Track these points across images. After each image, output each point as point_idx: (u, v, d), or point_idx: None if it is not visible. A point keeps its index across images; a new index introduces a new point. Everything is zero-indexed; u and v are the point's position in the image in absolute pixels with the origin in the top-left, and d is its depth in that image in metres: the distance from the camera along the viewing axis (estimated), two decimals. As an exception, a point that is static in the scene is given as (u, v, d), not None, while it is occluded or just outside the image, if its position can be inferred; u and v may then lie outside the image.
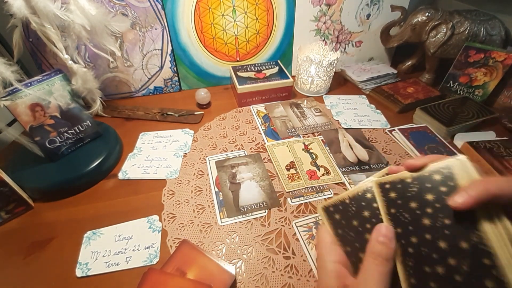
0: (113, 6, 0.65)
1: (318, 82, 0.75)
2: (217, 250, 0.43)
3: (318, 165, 0.57)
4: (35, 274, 0.41)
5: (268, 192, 0.51)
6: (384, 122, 0.68)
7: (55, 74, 0.51)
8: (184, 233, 0.45)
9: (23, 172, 0.51)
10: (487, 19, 0.70)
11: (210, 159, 0.58)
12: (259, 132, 0.65)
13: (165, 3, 0.68)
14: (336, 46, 0.85)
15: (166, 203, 0.50)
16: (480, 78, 0.71)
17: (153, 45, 0.72)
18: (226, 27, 0.74)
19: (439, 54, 0.75)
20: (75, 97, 0.54)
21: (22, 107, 0.47)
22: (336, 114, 0.71)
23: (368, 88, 0.80)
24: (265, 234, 0.45)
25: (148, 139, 0.63)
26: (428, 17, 0.73)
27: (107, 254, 0.42)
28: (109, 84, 0.73)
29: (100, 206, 0.50)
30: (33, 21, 0.49)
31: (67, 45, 0.55)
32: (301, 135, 0.64)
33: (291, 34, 0.80)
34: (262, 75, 0.73)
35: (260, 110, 0.72)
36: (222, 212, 0.48)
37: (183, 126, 0.67)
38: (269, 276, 0.40)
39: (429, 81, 0.82)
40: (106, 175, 0.55)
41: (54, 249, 0.44)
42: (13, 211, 0.47)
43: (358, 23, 0.82)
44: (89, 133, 0.57)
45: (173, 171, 0.55)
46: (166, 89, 0.79)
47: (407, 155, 0.60)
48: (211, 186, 0.53)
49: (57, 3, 0.50)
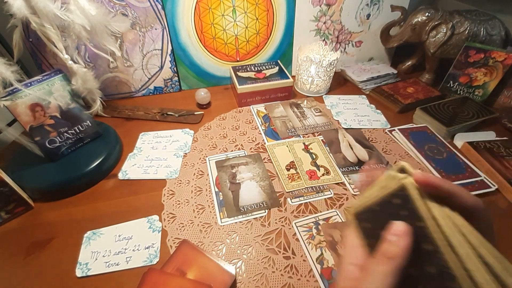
0: (113, 6, 0.65)
1: (318, 82, 0.75)
2: (217, 250, 0.43)
3: (318, 165, 0.57)
4: (35, 274, 0.41)
5: (268, 192, 0.51)
6: (384, 122, 0.68)
7: (55, 74, 0.51)
8: (184, 233, 0.45)
9: (23, 172, 0.51)
10: (487, 19, 0.70)
11: (210, 159, 0.58)
12: (259, 132, 0.65)
13: (165, 3, 0.68)
14: (336, 46, 0.85)
15: (166, 203, 0.50)
16: (480, 78, 0.71)
17: (153, 45, 0.72)
18: (226, 27, 0.74)
19: (439, 54, 0.75)
20: (75, 97, 0.54)
21: (22, 107, 0.47)
22: (336, 114, 0.71)
23: (368, 88, 0.80)
24: (265, 234, 0.45)
25: (148, 139, 0.63)
26: (428, 17, 0.73)
27: (107, 254, 0.42)
28: (109, 84, 0.73)
29: (100, 206, 0.50)
30: (33, 21, 0.49)
31: (67, 45, 0.55)
32: (301, 135, 0.64)
33: (291, 34, 0.80)
34: (262, 75, 0.73)
35: (260, 110, 0.72)
36: (222, 212, 0.48)
37: (183, 126, 0.67)
38: (269, 276, 0.40)
39: (429, 81, 0.82)
40: (106, 175, 0.55)
41: (54, 249, 0.44)
42: (13, 211, 0.47)
43: (358, 23, 0.82)
44: (89, 133, 0.57)
45: (173, 171, 0.55)
46: (166, 89, 0.79)
47: (407, 155, 0.60)
48: (211, 186, 0.53)
49: (57, 3, 0.50)
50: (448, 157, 0.57)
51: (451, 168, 0.55)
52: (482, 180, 0.53)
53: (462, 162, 0.56)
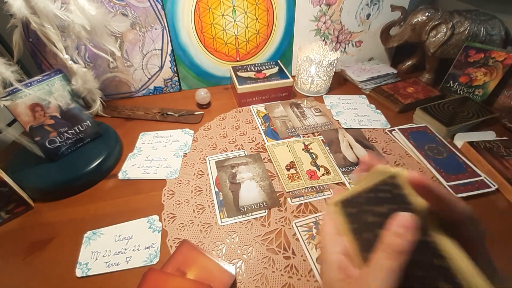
0: (113, 6, 0.65)
1: (318, 82, 0.75)
2: (217, 250, 0.43)
3: (318, 165, 0.57)
4: (35, 274, 0.41)
5: (268, 192, 0.51)
6: (384, 122, 0.68)
7: (55, 74, 0.51)
8: (184, 233, 0.45)
9: (23, 172, 0.51)
10: (487, 19, 0.70)
11: (210, 159, 0.58)
12: (259, 132, 0.65)
13: (165, 3, 0.68)
14: (336, 46, 0.85)
15: (166, 203, 0.50)
16: (480, 78, 0.71)
17: (153, 45, 0.72)
18: (226, 27, 0.74)
19: (439, 54, 0.75)
20: (75, 97, 0.54)
21: (22, 107, 0.47)
22: (336, 114, 0.71)
23: (368, 88, 0.80)
24: (265, 234, 0.45)
25: (148, 139, 0.63)
26: (428, 17, 0.73)
27: (107, 254, 0.42)
28: (109, 84, 0.73)
29: (100, 206, 0.50)
30: (33, 21, 0.49)
31: (67, 45, 0.55)
32: (301, 135, 0.64)
33: (291, 34, 0.80)
34: (262, 75, 0.73)
35: (260, 110, 0.72)
36: (222, 212, 0.48)
37: (183, 126, 0.67)
38: (269, 276, 0.40)
39: (429, 81, 0.82)
40: (106, 175, 0.55)
41: (54, 249, 0.44)
42: (13, 211, 0.47)
43: (358, 23, 0.82)
44: (89, 133, 0.57)
45: (173, 171, 0.55)
46: (166, 89, 0.79)
47: (407, 155, 0.60)
48: (211, 186, 0.53)
49: (57, 3, 0.50)
50: (448, 157, 0.57)
51: (451, 168, 0.55)
52: (482, 180, 0.53)
53: (462, 162, 0.56)
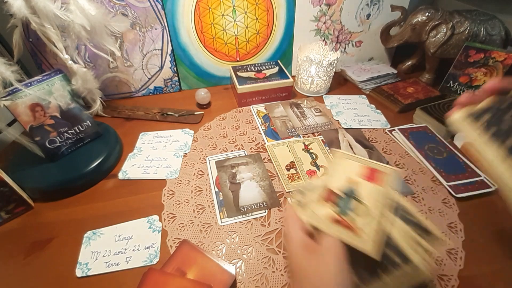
0: (113, 6, 0.65)
1: (318, 82, 0.75)
2: (217, 250, 0.43)
3: (318, 165, 0.57)
4: (35, 274, 0.41)
5: (268, 192, 0.51)
6: (384, 122, 0.68)
7: (55, 74, 0.51)
8: (184, 233, 0.45)
9: (23, 172, 0.51)
10: (487, 19, 0.70)
11: (210, 159, 0.58)
12: (259, 132, 0.65)
13: (165, 3, 0.68)
14: (336, 46, 0.85)
15: (166, 203, 0.50)
16: (480, 78, 0.71)
17: (153, 45, 0.72)
18: (226, 27, 0.74)
19: (439, 54, 0.75)
20: (75, 97, 0.54)
21: (22, 107, 0.47)
22: (336, 114, 0.71)
23: (368, 88, 0.80)
24: (265, 234, 0.45)
25: (148, 139, 0.63)
26: (428, 17, 0.73)
27: (107, 254, 0.42)
28: (109, 84, 0.73)
29: (100, 206, 0.50)
30: (33, 21, 0.49)
31: (67, 45, 0.55)
32: (301, 135, 0.64)
33: (291, 34, 0.80)
34: (262, 75, 0.73)
35: (260, 110, 0.72)
36: (222, 212, 0.48)
37: (183, 126, 0.67)
38: (269, 276, 0.40)
39: (429, 81, 0.82)
40: (106, 175, 0.55)
41: (54, 249, 0.44)
42: (13, 211, 0.47)
43: (358, 23, 0.82)
44: (89, 133, 0.57)
45: (173, 171, 0.55)
46: (166, 89, 0.79)
47: (407, 155, 0.60)
48: (211, 186, 0.53)
49: (57, 3, 0.50)
50: (448, 157, 0.57)
51: (451, 168, 0.55)
52: (482, 180, 0.53)
53: (462, 162, 0.56)
